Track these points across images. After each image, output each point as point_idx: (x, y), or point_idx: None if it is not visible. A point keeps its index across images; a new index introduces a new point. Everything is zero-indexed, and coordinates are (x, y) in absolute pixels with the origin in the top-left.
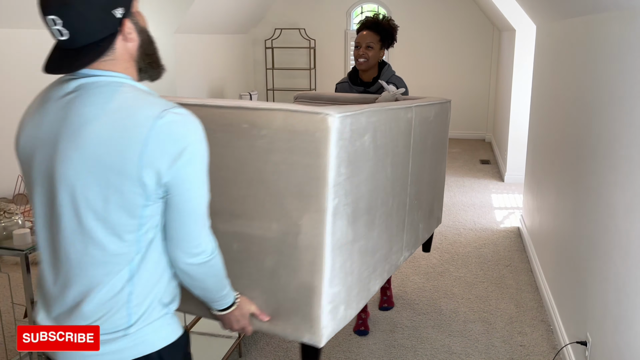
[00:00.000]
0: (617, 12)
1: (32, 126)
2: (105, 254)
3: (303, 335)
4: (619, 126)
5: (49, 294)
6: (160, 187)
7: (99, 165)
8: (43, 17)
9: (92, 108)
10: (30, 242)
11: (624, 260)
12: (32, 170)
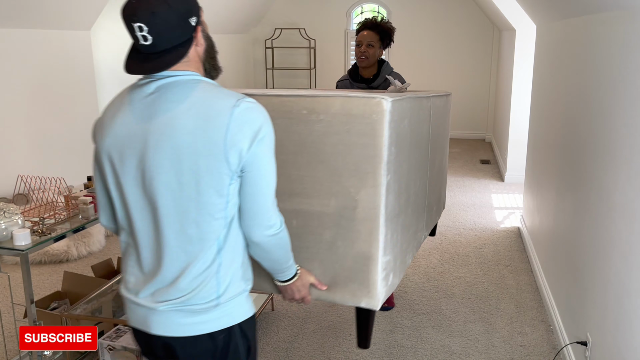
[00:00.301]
0: (618, 11)
1: (119, 124)
2: (200, 232)
3: (361, 300)
4: (619, 126)
5: (145, 273)
6: (240, 165)
7: (189, 152)
8: (128, 24)
9: (176, 104)
10: (30, 242)
11: (624, 260)
12: (124, 163)
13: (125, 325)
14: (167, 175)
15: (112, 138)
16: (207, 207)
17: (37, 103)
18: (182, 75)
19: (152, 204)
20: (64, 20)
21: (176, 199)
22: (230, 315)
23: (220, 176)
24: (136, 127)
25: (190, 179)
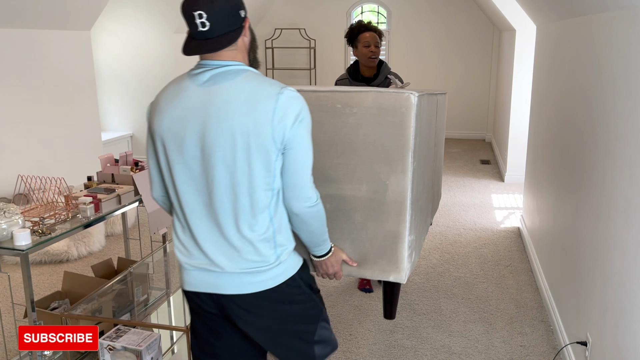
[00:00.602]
0: (618, 12)
1: (176, 109)
2: (252, 202)
3: (389, 275)
4: (620, 126)
5: (200, 240)
6: (284, 143)
7: (242, 132)
8: (188, 12)
9: (230, 90)
10: (30, 242)
11: (624, 260)
12: (183, 142)
13: (125, 325)
14: (223, 153)
15: (170, 121)
16: (258, 180)
17: (37, 103)
18: (233, 65)
19: (210, 177)
20: (64, 21)
21: (231, 172)
22: (289, 268)
23: (268, 153)
24: (195, 111)
25: (243, 155)
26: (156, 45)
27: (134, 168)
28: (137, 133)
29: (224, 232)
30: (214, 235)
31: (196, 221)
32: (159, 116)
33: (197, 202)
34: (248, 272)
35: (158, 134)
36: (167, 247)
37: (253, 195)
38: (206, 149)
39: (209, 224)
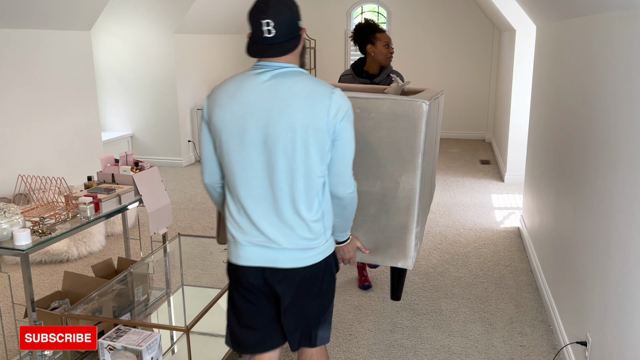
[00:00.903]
0: (618, 12)
1: (237, 104)
2: (307, 187)
3: (398, 262)
4: (620, 126)
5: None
6: (334, 135)
7: (301, 125)
8: (256, 19)
9: (290, 88)
10: (30, 242)
11: (624, 260)
12: (246, 133)
13: (125, 325)
14: (284, 143)
15: (232, 114)
16: (313, 167)
17: (37, 103)
18: (289, 67)
19: (270, 164)
20: (64, 21)
21: (290, 160)
22: (329, 248)
23: (323, 143)
24: (257, 106)
25: (301, 145)
26: (156, 45)
27: (134, 168)
28: (137, 133)
29: (281, 213)
30: (271, 215)
31: (253, 203)
32: (219, 110)
33: (256, 186)
34: (300, 249)
35: (218, 126)
36: (167, 247)
37: (308, 180)
38: (268, 140)
39: (266, 205)
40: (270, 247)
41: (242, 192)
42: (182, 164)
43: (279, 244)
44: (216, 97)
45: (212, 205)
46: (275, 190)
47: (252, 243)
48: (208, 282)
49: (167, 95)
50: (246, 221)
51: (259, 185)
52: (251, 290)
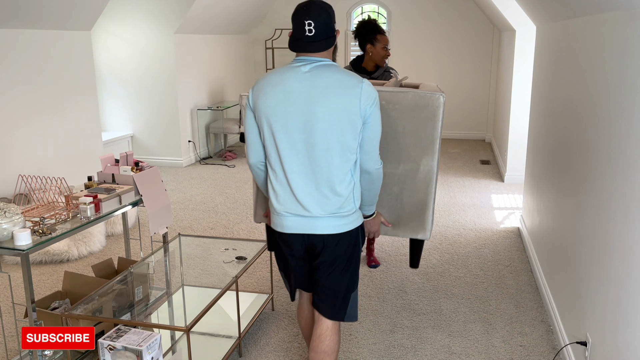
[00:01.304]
0: (617, 12)
1: (281, 92)
2: (341, 163)
3: (417, 234)
4: (619, 127)
5: (297, 192)
6: (364, 118)
7: (337, 109)
8: (300, 20)
9: (327, 79)
10: (30, 242)
11: (624, 260)
12: (288, 117)
13: (126, 325)
14: (322, 124)
15: (276, 100)
16: (347, 145)
17: (37, 103)
18: (325, 61)
19: (310, 144)
20: (65, 21)
21: (327, 140)
22: (358, 219)
23: (356, 126)
24: (299, 93)
25: (337, 127)
26: (156, 45)
27: (134, 168)
28: (137, 133)
29: (318, 186)
30: (310, 188)
31: (294, 178)
32: (264, 98)
33: (296, 163)
34: (334, 217)
35: (263, 112)
36: (168, 247)
37: (343, 157)
38: (308, 122)
39: (306, 179)
40: (308, 217)
41: (286, 168)
42: (182, 164)
43: (316, 214)
44: (261, 87)
45: (215, 204)
46: (314, 166)
47: (293, 214)
48: (208, 282)
49: (167, 95)
50: (288, 194)
51: (299, 162)
52: (291, 255)
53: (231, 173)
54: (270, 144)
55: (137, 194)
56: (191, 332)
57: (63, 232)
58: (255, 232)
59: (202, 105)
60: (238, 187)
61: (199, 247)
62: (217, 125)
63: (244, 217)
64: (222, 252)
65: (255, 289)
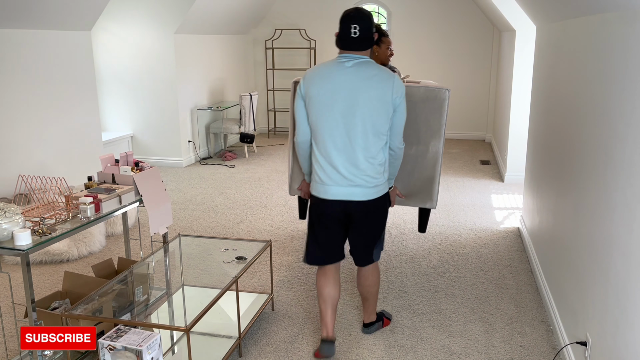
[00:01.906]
0: (617, 12)
1: (328, 82)
2: (375, 142)
3: (426, 204)
4: (619, 127)
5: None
6: (395, 106)
7: (374, 98)
8: (348, 23)
9: (367, 72)
10: (30, 242)
11: (624, 260)
12: (334, 103)
13: (126, 325)
14: (361, 110)
15: (324, 90)
16: (380, 128)
17: (37, 103)
18: (365, 58)
19: (350, 126)
20: (65, 21)
21: (364, 123)
22: (386, 188)
23: (388, 112)
24: (344, 84)
25: (374, 112)
26: (156, 45)
27: (134, 168)
28: (137, 133)
29: (357, 161)
30: (349, 162)
31: (336, 153)
32: (314, 87)
33: (339, 142)
34: (369, 187)
35: (313, 98)
36: (168, 247)
37: (376, 138)
38: (350, 108)
39: (346, 155)
40: (348, 186)
41: (328, 146)
42: (182, 164)
43: (355, 183)
44: (311, 78)
45: (215, 204)
46: (353, 144)
47: (335, 183)
48: (208, 282)
49: (167, 95)
50: (331, 167)
51: (342, 141)
52: (330, 218)
53: (231, 173)
54: (319, 125)
55: (137, 194)
56: (191, 332)
57: (63, 232)
58: (255, 232)
59: (202, 105)
60: (238, 187)
61: (199, 247)
62: (217, 125)
63: (244, 217)
64: (222, 252)
65: (255, 289)
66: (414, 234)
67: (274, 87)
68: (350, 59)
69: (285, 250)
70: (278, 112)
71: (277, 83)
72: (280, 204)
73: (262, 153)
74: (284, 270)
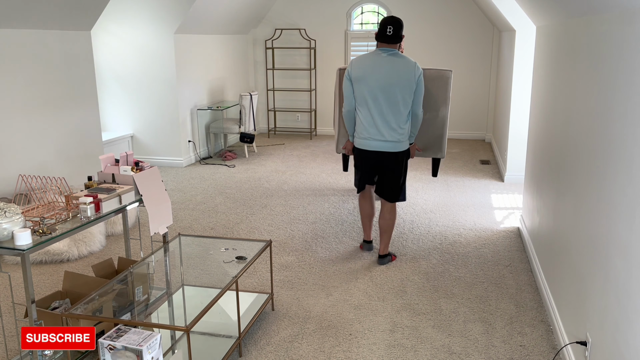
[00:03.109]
0: (617, 12)
1: (370, 67)
2: (402, 110)
3: (437, 154)
4: (619, 126)
5: (378, 126)
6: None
7: (403, 79)
8: (385, 25)
9: (397, 62)
10: (30, 242)
11: (624, 260)
12: (375, 84)
13: (126, 325)
14: (394, 88)
15: (368, 73)
16: (406, 101)
17: (37, 103)
18: (395, 51)
19: (384, 100)
20: (65, 21)
21: (396, 96)
22: (407, 144)
23: (412, 88)
24: (382, 69)
25: (402, 88)
26: (156, 45)
27: (134, 168)
28: (138, 133)
29: (390, 123)
30: (384, 125)
31: (376, 118)
32: (361, 70)
33: (378, 110)
34: (396, 141)
35: (359, 79)
36: (168, 247)
37: (404, 107)
38: (386, 86)
39: (382, 119)
40: (383, 141)
41: (370, 112)
42: (182, 164)
43: (386, 139)
44: (357, 64)
45: (215, 204)
46: (387, 112)
47: (375, 139)
48: (208, 282)
49: (167, 95)
50: (372, 127)
51: (379, 109)
52: (369, 162)
53: (231, 173)
54: (363, 99)
55: (137, 194)
56: (191, 332)
57: (63, 232)
58: (255, 232)
59: (202, 105)
60: (238, 187)
61: (199, 247)
62: (217, 125)
63: (244, 217)
64: (222, 252)
65: (255, 288)
66: (414, 233)
67: (274, 87)
68: (385, 51)
69: (285, 250)
70: (278, 112)
71: (277, 83)
72: (280, 204)
73: (262, 153)
74: (284, 270)
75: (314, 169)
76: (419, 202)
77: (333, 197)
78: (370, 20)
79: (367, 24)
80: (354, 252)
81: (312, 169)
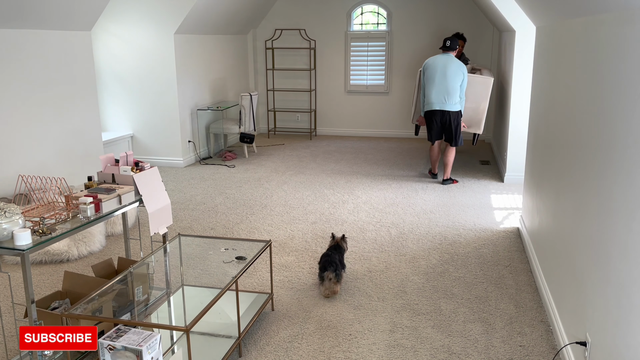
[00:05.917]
0: (617, 12)
1: (435, 64)
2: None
3: (477, 130)
4: (619, 126)
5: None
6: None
7: (453, 73)
8: (445, 40)
9: (452, 61)
10: (30, 242)
11: (624, 260)
12: (437, 74)
13: (126, 325)
14: (448, 77)
15: (433, 67)
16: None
17: (37, 103)
18: (451, 55)
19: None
20: (65, 21)
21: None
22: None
23: (460, 79)
24: (441, 65)
25: (453, 79)
26: (156, 45)
27: (134, 168)
28: (137, 133)
29: (449, 97)
30: (445, 97)
31: (439, 93)
32: (431, 67)
33: (440, 89)
34: (453, 104)
35: (429, 71)
36: (167, 247)
37: (455, 88)
38: (444, 76)
39: (444, 94)
40: (443, 105)
41: (435, 91)
42: (182, 164)
43: (446, 103)
44: (428, 63)
45: (215, 204)
46: (445, 90)
47: (437, 104)
48: (208, 282)
49: (167, 95)
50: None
51: (439, 90)
52: (435, 119)
53: (231, 173)
54: (430, 83)
55: (137, 194)
56: (191, 332)
57: (63, 232)
58: (255, 232)
59: (202, 105)
60: (238, 187)
61: (199, 247)
62: (217, 125)
63: (244, 217)
64: (222, 252)
65: (255, 289)
66: (414, 233)
67: (274, 87)
68: (445, 55)
69: (285, 250)
70: (278, 112)
71: (277, 83)
72: (280, 204)
73: (262, 153)
74: (284, 270)
75: (314, 169)
76: (419, 202)
77: (333, 197)
78: (370, 20)
79: (367, 25)
80: (354, 252)
81: (312, 169)
